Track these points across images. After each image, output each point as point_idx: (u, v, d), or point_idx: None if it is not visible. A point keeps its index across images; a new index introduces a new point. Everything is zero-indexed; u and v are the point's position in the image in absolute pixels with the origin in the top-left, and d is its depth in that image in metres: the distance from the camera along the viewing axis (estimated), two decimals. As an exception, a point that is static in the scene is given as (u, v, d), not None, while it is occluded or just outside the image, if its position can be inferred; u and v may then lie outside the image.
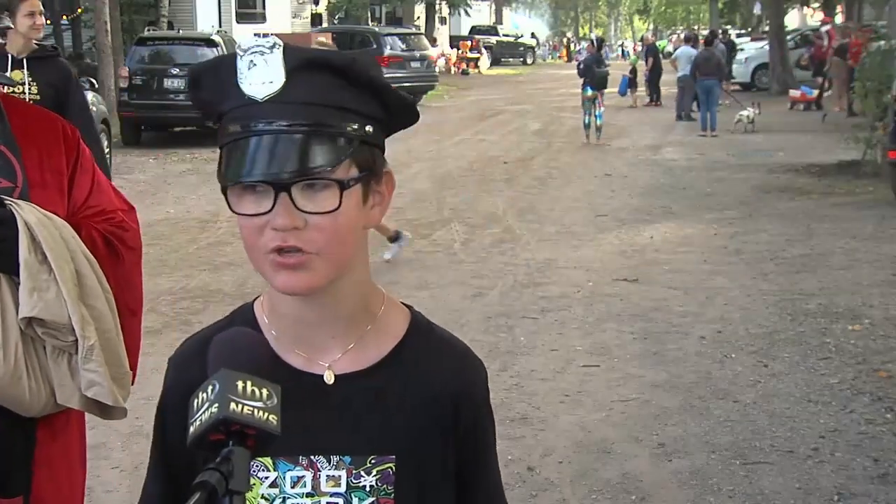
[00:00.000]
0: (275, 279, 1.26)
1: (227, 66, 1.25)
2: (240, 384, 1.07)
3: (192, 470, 1.32)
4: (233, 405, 1.06)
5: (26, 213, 2.19)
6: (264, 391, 1.09)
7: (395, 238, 8.31)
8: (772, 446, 4.71)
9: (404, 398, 1.34)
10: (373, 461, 1.32)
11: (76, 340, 2.19)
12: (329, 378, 1.33)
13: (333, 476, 1.32)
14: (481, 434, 1.42)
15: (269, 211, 1.22)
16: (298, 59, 1.24)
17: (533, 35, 54.78)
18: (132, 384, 2.38)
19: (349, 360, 1.34)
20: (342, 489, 1.32)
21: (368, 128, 1.28)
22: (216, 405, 1.06)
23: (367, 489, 1.32)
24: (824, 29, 26.96)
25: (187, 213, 10.98)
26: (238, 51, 1.25)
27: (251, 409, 1.06)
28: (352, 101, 1.27)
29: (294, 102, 1.23)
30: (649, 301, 7.23)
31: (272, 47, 1.23)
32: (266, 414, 1.07)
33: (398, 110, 1.33)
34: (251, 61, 1.23)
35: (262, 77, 1.23)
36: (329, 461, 1.32)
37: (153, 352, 6.08)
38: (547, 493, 4.30)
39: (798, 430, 4.89)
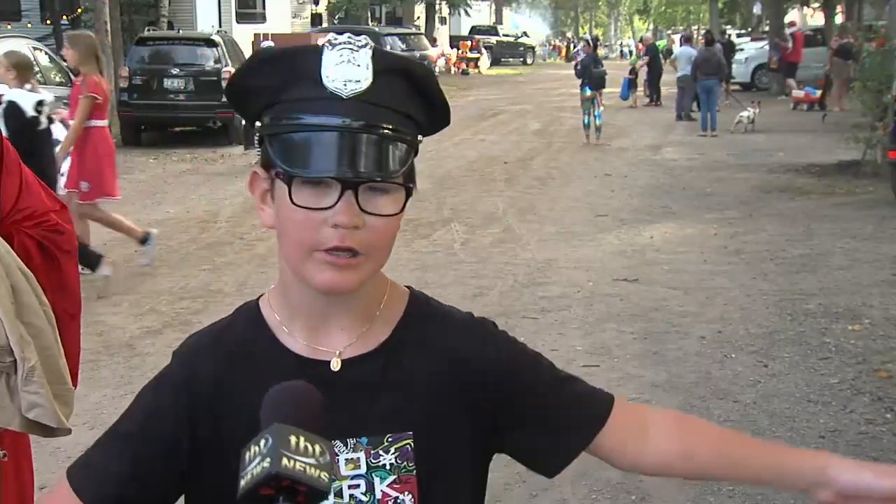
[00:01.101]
0: (317, 275, 1.26)
1: (307, 56, 1.25)
2: (293, 439, 1.06)
3: (165, 460, 1.31)
4: (285, 461, 1.04)
5: None
6: (317, 447, 1.07)
7: (144, 240, 8.14)
8: (772, 446, 4.70)
9: (412, 374, 1.35)
10: (390, 439, 1.33)
11: (14, 361, 2.11)
12: (335, 365, 1.34)
13: (352, 459, 1.32)
14: (522, 379, 1.40)
15: (332, 207, 1.22)
16: (387, 62, 1.25)
17: (525, 34, 54.54)
18: (75, 388, 2.31)
19: (355, 346, 1.35)
20: (362, 470, 1.32)
21: (420, 137, 1.31)
22: (268, 459, 1.04)
23: (388, 467, 1.33)
24: (789, 31, 27.07)
25: (187, 213, 10.97)
26: (326, 45, 1.24)
27: (303, 465, 1.04)
28: (415, 110, 1.29)
29: (376, 104, 1.23)
30: (649, 301, 7.23)
31: (363, 47, 1.24)
32: (318, 471, 1.05)
33: (441, 124, 1.36)
34: (339, 56, 1.23)
35: (348, 74, 1.23)
36: (346, 444, 1.32)
37: (153, 352, 6.09)
38: (547, 492, 4.30)
39: (798, 430, 4.89)
